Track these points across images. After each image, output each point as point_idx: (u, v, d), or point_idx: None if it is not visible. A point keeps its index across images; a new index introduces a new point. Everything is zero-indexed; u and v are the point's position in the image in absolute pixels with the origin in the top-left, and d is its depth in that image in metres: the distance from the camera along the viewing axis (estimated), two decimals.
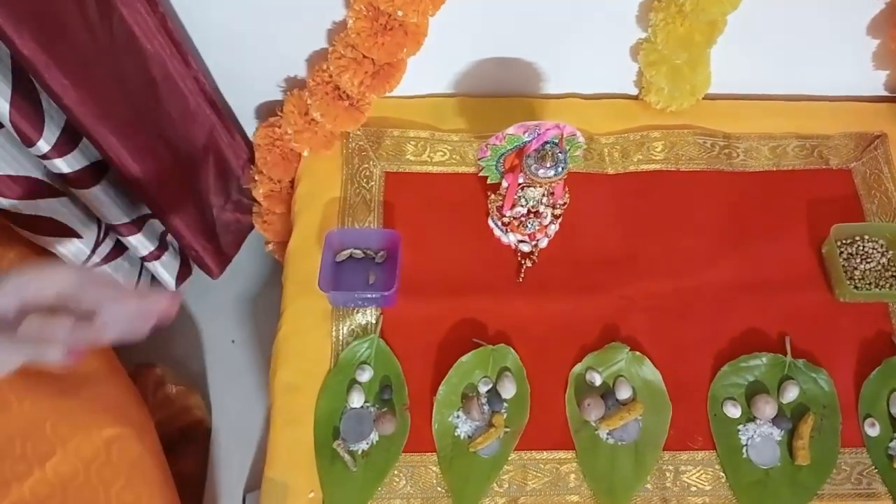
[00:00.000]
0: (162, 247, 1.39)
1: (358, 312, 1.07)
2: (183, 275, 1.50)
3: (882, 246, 1.11)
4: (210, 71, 1.20)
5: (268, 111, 1.26)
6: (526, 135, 0.97)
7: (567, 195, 1.07)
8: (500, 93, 1.25)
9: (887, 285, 1.08)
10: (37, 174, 1.04)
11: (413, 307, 1.07)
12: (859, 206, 1.17)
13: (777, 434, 1.00)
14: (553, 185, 1.01)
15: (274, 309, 1.11)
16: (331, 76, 1.06)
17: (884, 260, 1.10)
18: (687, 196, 1.16)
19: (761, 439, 0.99)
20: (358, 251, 1.11)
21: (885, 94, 1.28)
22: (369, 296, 1.05)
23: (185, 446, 1.44)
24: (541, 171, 0.96)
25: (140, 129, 1.08)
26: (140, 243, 1.31)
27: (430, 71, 1.21)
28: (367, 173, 1.18)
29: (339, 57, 1.02)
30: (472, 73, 1.22)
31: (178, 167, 1.21)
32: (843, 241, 1.11)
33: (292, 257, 1.12)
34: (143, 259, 1.37)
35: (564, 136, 0.97)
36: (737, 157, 1.21)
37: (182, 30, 1.10)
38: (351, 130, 1.18)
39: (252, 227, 1.51)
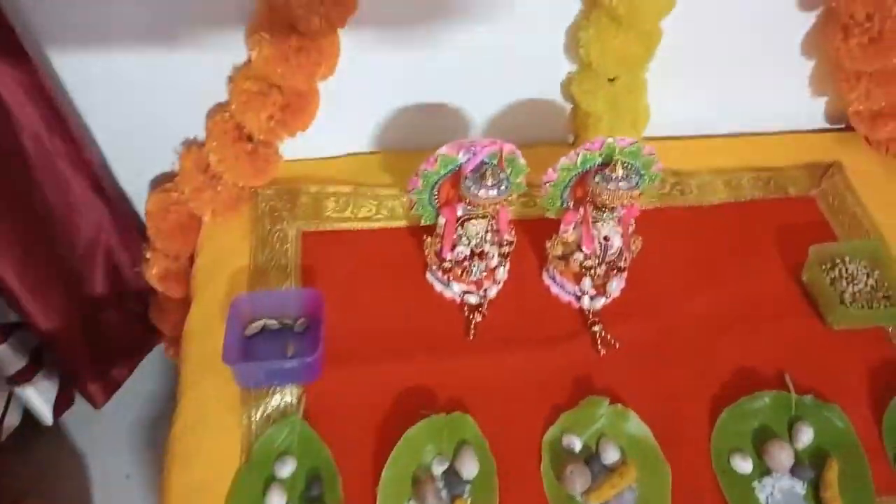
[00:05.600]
0: (34, 364, 1.15)
1: (274, 393, 0.86)
2: (63, 403, 1.25)
3: (866, 267, 0.99)
4: (98, 148, 1.04)
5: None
6: (461, 154, 0.84)
7: (513, 232, 0.93)
8: (427, 146, 1.12)
9: (881, 307, 0.95)
10: None
11: (343, 379, 0.88)
12: (830, 232, 1.08)
13: (800, 487, 0.82)
14: (496, 211, 0.87)
15: None
16: (232, 115, 0.91)
17: (871, 281, 0.98)
18: (647, 234, 1.03)
19: (783, 495, 0.81)
20: (273, 321, 0.92)
21: (827, 125, 1.23)
22: (287, 367, 0.86)
23: None
24: (481, 191, 0.82)
25: (5, 220, 0.90)
26: (6, 357, 1.08)
27: (349, 128, 1.10)
28: (281, 235, 1.01)
29: (241, 91, 0.89)
30: (396, 128, 1.11)
31: (55, 266, 1.02)
32: (824, 266, 1.00)
33: (191, 335, 0.92)
34: (12, 380, 1.13)
35: (504, 154, 0.84)
36: (690, 193, 1.11)
37: (62, 98, 0.95)
38: (259, 188, 1.02)
39: (152, 342, 1.30)
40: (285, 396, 0.86)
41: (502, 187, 0.83)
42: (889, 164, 1.16)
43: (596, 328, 0.93)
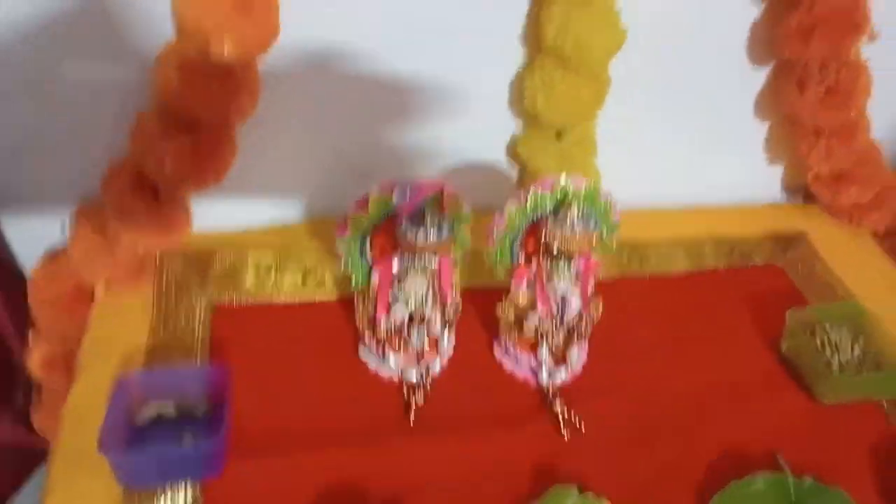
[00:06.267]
0: None
1: (165, 494, 0.69)
2: None
3: (848, 333, 0.90)
4: None
5: None
6: (396, 194, 0.73)
7: (458, 294, 0.81)
8: None
9: None
10: None
11: (253, 474, 0.71)
12: (803, 300, 1.00)
13: None
14: (438, 266, 0.75)
15: None
16: (132, 161, 0.79)
17: (857, 350, 0.88)
18: (608, 305, 0.91)
19: None
20: (168, 406, 0.75)
21: (786, 199, 1.18)
22: (179, 456, 0.69)
23: None
24: (420, 234, 0.71)
25: None
26: None
27: (273, 194, 0.99)
28: (188, 310, 0.86)
29: (142, 131, 0.77)
30: (326, 194, 1.00)
31: None
32: (804, 335, 0.90)
33: (67, 424, 0.74)
34: None
35: (445, 195, 0.74)
36: (650, 263, 1.02)
37: None
38: (165, 256, 0.89)
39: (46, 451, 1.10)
40: (178, 497, 0.69)
41: (443, 231, 0.71)
42: (854, 234, 1.10)
43: (557, 407, 0.79)
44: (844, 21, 0.85)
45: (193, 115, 0.75)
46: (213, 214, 0.94)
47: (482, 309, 0.88)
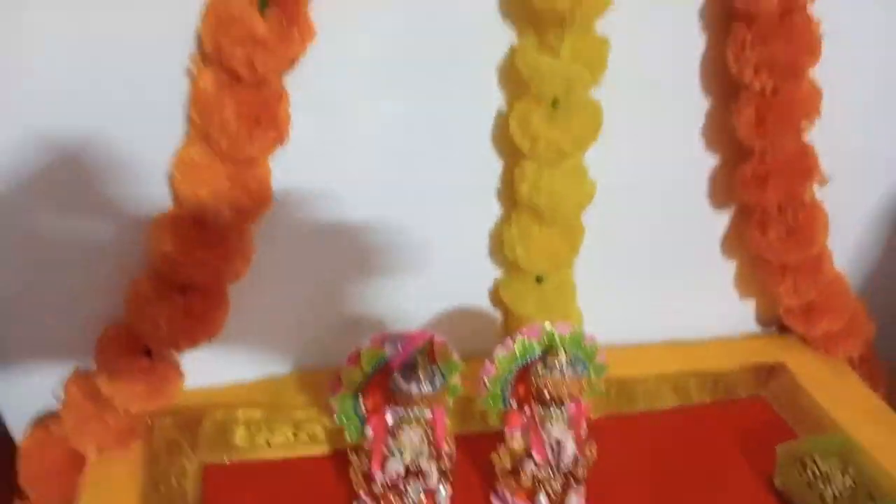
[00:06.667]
0: None
1: None
2: None
3: (838, 464, 0.91)
4: None
5: None
6: (387, 347, 0.75)
7: (452, 442, 0.81)
8: None
9: None
10: None
11: None
12: (790, 431, 1.01)
13: None
14: (431, 416, 0.76)
15: None
16: (126, 324, 0.81)
17: (849, 481, 0.89)
18: (600, 445, 0.92)
19: None
20: None
21: (761, 329, 1.22)
22: None
23: None
24: (413, 386, 0.72)
25: None
26: None
27: (261, 347, 1.00)
28: (180, 471, 0.86)
29: (136, 295, 0.80)
30: (315, 344, 1.02)
31: None
32: (797, 469, 0.90)
33: None
34: None
35: (436, 346, 0.76)
36: (638, 400, 1.03)
37: None
38: (156, 419, 0.88)
39: None
40: None
41: (436, 382, 0.73)
42: (831, 363, 1.13)
43: None
44: (796, 168, 0.92)
45: (188, 279, 0.78)
46: (203, 370, 0.95)
47: (476, 456, 0.88)
